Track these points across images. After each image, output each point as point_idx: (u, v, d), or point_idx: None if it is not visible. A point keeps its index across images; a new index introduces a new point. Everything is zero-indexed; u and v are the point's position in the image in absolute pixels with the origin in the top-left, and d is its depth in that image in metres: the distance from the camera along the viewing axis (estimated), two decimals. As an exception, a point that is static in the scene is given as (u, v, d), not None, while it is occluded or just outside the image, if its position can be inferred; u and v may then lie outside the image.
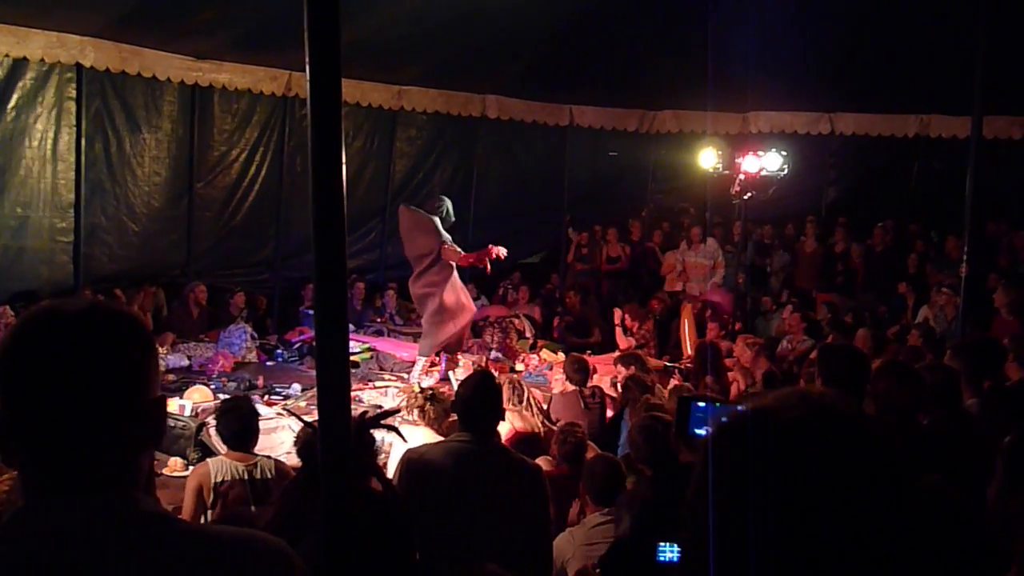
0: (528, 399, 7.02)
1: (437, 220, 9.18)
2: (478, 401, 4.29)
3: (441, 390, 6.45)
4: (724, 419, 1.22)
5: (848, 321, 10.71)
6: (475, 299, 11.87)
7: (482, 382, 4.49)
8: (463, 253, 9.16)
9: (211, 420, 6.83)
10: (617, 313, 11.53)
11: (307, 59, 2.57)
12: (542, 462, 5.43)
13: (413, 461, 4.14)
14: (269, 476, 5.14)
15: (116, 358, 1.43)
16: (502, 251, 9.08)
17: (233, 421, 5.34)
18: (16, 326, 1.46)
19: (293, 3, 2.59)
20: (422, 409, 5.56)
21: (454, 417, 5.50)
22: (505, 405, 6.69)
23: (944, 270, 11.70)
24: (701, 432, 3.60)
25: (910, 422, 4.49)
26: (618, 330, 11.36)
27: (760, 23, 10.09)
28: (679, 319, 11.64)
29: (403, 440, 3.58)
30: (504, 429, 6.23)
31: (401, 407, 5.96)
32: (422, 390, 6.26)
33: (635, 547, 3.67)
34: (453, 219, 9.51)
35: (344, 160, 2.65)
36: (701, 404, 3.75)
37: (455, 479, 4.08)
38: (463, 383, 4.59)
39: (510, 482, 4.18)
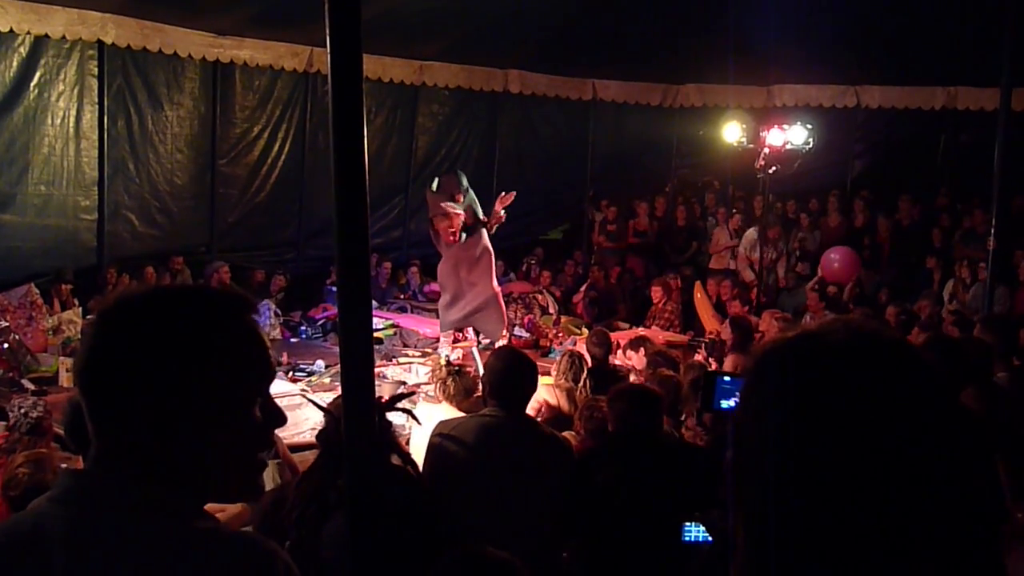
0: (584, 381, 6.61)
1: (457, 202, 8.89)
2: (510, 375, 4.25)
3: (466, 367, 6.39)
4: (768, 345, 1.21)
5: (882, 299, 10.67)
6: (503, 275, 11.75)
7: (514, 356, 4.46)
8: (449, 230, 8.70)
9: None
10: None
11: (328, 34, 2.55)
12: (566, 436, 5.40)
13: (444, 435, 4.13)
14: None
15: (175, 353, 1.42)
16: (508, 198, 8.82)
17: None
18: (95, 316, 1.49)
19: (314, -23, 2.57)
20: (444, 383, 5.48)
21: (478, 395, 5.46)
22: (557, 378, 6.63)
23: (970, 244, 11.57)
24: (727, 405, 3.56)
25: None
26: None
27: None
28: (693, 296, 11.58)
29: (418, 424, 3.54)
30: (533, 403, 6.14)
31: (420, 386, 5.89)
32: (447, 363, 6.20)
33: None
34: (470, 191, 9.16)
35: (366, 136, 2.63)
36: (727, 378, 3.71)
37: (486, 452, 4.07)
38: (494, 356, 4.56)
39: (541, 456, 4.17)
